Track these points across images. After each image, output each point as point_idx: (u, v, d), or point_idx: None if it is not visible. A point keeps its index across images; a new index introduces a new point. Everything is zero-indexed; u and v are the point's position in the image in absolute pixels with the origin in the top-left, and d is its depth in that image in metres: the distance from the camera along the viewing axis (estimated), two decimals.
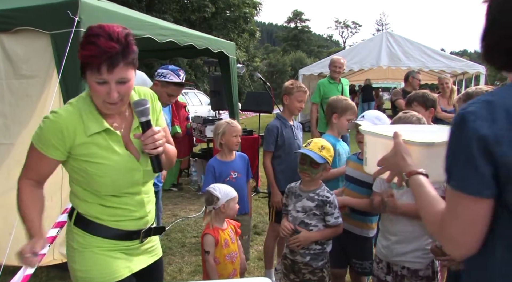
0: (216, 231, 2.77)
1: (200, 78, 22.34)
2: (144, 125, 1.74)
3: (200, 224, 5.10)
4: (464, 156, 1.07)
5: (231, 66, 5.75)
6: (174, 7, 20.02)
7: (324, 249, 2.73)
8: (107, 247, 1.81)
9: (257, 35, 26.30)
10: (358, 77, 18.38)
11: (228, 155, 3.45)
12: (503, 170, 1.03)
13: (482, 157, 1.04)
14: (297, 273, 2.76)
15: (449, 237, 1.14)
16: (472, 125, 1.04)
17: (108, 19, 3.42)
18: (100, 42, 1.58)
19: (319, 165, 2.66)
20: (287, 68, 47.21)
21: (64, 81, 3.08)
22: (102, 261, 1.80)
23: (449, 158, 1.12)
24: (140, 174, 1.80)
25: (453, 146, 1.11)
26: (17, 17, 3.25)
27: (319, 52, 66.16)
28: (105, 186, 1.74)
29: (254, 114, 12.27)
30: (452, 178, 1.12)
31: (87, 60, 1.59)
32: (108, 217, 1.79)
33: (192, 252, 4.19)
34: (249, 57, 30.08)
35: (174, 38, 4.42)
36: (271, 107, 7.19)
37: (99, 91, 1.64)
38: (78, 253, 1.80)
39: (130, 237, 1.85)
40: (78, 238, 1.80)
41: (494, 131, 1.02)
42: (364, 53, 13.42)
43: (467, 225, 1.10)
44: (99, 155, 1.70)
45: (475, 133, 1.04)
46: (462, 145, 1.07)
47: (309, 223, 2.69)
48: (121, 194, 1.79)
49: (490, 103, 1.05)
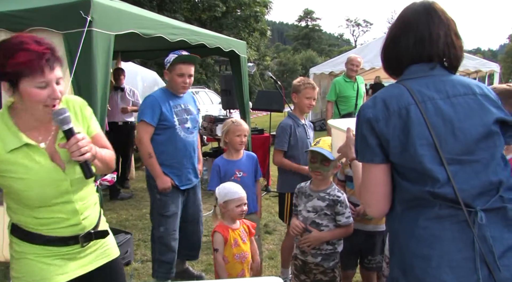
0: (226, 229, 2.77)
1: (211, 77, 22.37)
2: (67, 133, 1.73)
3: (210, 223, 5.11)
4: (360, 135, 1.49)
5: (242, 65, 5.75)
6: (185, 7, 20.07)
7: (336, 249, 2.72)
8: (43, 254, 1.82)
9: (268, 34, 26.25)
10: (369, 76, 18.27)
11: (235, 154, 3.42)
12: (382, 140, 1.43)
13: (369, 133, 1.45)
14: (308, 274, 2.75)
15: (363, 200, 1.55)
16: (362, 112, 1.49)
17: (120, 19, 3.45)
18: (32, 47, 1.61)
19: (330, 163, 2.66)
20: (298, 67, 47.16)
21: (76, 80, 3.10)
22: (36, 268, 1.81)
23: (355, 139, 1.55)
24: (67, 184, 1.79)
25: (356, 130, 1.53)
26: (31, 17, 3.28)
27: (330, 50, 65.96)
28: (32, 199, 1.74)
29: (265, 113, 12.27)
30: (357, 153, 1.53)
31: (25, 66, 1.59)
32: (40, 226, 1.80)
33: (203, 251, 4.21)
34: (259, 56, 30.07)
35: (186, 37, 4.43)
36: (282, 106, 7.18)
37: (41, 95, 1.64)
38: (14, 261, 1.84)
39: (66, 242, 1.86)
40: (15, 246, 1.83)
41: (374, 113, 1.44)
42: (375, 52, 13.31)
43: (370, 188, 1.49)
44: (21, 170, 1.69)
45: (364, 117, 1.47)
46: (358, 128, 1.50)
47: (320, 223, 2.68)
48: (51, 204, 1.78)
49: (375, 97, 1.49)
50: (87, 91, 3.12)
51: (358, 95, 6.15)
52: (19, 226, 1.82)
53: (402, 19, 1.55)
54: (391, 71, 1.61)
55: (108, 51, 3.27)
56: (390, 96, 1.46)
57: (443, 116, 1.40)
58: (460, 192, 1.35)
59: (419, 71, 1.49)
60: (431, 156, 1.37)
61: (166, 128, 3.34)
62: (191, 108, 3.52)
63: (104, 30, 3.22)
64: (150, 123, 3.29)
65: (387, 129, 1.42)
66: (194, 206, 3.69)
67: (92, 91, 3.13)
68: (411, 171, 1.40)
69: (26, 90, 1.63)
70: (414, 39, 1.49)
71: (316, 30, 70.95)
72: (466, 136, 1.39)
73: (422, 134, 1.38)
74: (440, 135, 1.38)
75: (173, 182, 3.40)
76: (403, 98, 1.43)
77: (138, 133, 3.38)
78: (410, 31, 1.50)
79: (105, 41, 3.23)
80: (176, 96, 3.46)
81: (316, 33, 70.60)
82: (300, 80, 3.63)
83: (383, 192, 1.47)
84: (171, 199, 3.43)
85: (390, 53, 1.59)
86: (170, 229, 3.44)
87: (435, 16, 1.49)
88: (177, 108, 3.41)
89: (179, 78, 3.35)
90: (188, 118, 3.46)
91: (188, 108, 3.49)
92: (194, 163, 3.56)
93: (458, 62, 1.54)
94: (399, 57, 1.54)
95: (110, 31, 3.29)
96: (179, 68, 3.33)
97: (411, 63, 1.52)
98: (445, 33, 1.48)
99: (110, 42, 3.29)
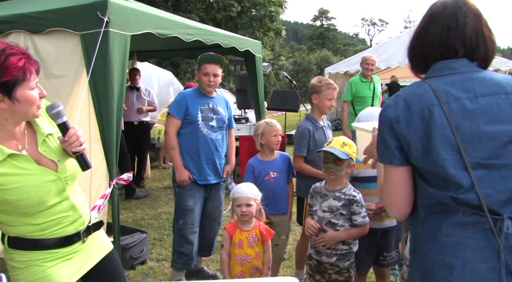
0: (234, 229, 2.80)
1: (226, 77, 22.42)
2: (62, 126, 1.76)
3: (225, 222, 5.11)
4: (380, 135, 1.46)
5: (257, 65, 5.74)
6: (200, 7, 20.13)
7: (351, 249, 2.70)
8: (49, 258, 1.79)
9: (282, 34, 26.20)
10: (385, 75, 18.10)
11: (269, 154, 3.44)
12: (403, 142, 1.39)
13: (389, 133, 1.42)
14: (323, 274, 2.73)
15: (384, 201, 1.53)
16: (384, 112, 1.45)
17: (136, 19, 3.47)
18: (15, 51, 1.59)
19: (342, 162, 2.65)
20: (313, 67, 47.01)
21: (93, 81, 3.13)
22: (45, 273, 1.78)
23: (377, 139, 1.50)
24: (62, 182, 1.79)
25: (378, 130, 1.48)
26: (49, 18, 3.32)
27: (345, 50, 65.64)
28: (31, 206, 1.71)
29: (280, 113, 12.24)
30: (378, 154, 1.50)
31: (22, 71, 1.58)
32: (42, 231, 1.77)
33: (218, 250, 4.21)
34: (274, 55, 30.03)
35: (201, 37, 4.45)
36: (297, 105, 7.15)
37: (34, 97, 1.64)
38: (20, 271, 1.77)
39: (71, 241, 1.85)
40: (18, 257, 1.77)
41: (396, 113, 1.39)
42: (391, 51, 13.22)
43: (391, 189, 1.46)
44: (12, 181, 1.64)
45: (385, 117, 1.43)
46: (380, 128, 1.46)
47: (336, 223, 2.66)
48: (50, 206, 1.76)
49: (397, 96, 1.44)
50: (104, 91, 3.15)
51: (374, 95, 6.10)
52: (20, 237, 1.76)
53: (430, 11, 1.48)
54: (417, 66, 1.53)
55: (124, 51, 3.30)
56: (413, 95, 1.39)
57: (469, 118, 1.32)
58: (485, 198, 1.29)
59: (445, 68, 1.41)
60: (455, 161, 1.31)
61: (190, 123, 3.51)
62: (220, 110, 3.65)
63: (121, 31, 3.24)
64: (176, 116, 3.50)
65: (408, 130, 1.36)
66: (213, 204, 3.77)
67: (109, 91, 3.16)
68: (434, 176, 1.35)
69: (23, 95, 1.60)
70: (441, 28, 1.42)
71: (331, 29, 70.68)
72: (493, 139, 1.32)
73: (446, 138, 1.31)
74: (465, 138, 1.31)
75: (191, 177, 3.51)
76: (427, 98, 1.36)
77: (166, 126, 3.62)
78: (437, 21, 1.44)
79: (121, 42, 3.26)
80: (207, 96, 3.62)
81: (331, 32, 70.32)
82: (320, 80, 3.51)
83: (403, 194, 1.44)
84: (189, 193, 3.54)
85: (416, 46, 1.51)
86: (188, 223, 3.55)
87: (464, 6, 1.43)
88: (203, 106, 3.56)
89: (205, 77, 3.53)
90: (214, 117, 3.58)
91: (216, 109, 3.62)
92: (216, 161, 3.62)
93: (489, 56, 1.44)
94: (426, 49, 1.47)
95: (126, 31, 3.31)
96: (204, 68, 3.52)
97: (438, 57, 1.44)
98: (474, 23, 1.41)
99: (126, 42, 3.32)
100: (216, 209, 3.82)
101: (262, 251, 2.83)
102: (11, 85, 1.56)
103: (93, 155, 3.15)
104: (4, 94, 1.57)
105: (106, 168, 3.19)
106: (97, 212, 2.79)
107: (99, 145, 3.17)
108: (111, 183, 3.17)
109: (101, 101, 3.17)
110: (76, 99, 3.19)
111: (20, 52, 1.59)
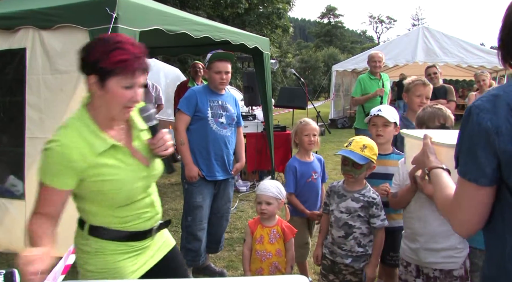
0: (256, 224, 2.82)
1: (233, 74, 22.37)
2: (152, 129, 1.83)
3: (232, 219, 5.12)
4: (468, 146, 1.19)
5: (265, 62, 5.72)
6: (208, 3, 20.12)
7: (367, 252, 2.67)
8: (123, 250, 1.83)
9: (290, 31, 26.14)
10: (392, 73, 18.03)
11: (307, 156, 3.41)
12: (503, 159, 1.12)
13: (483, 147, 1.14)
14: (337, 274, 2.71)
15: (453, 217, 1.28)
16: (476, 118, 1.15)
17: (144, 15, 3.47)
18: (128, 48, 1.63)
19: (361, 166, 2.59)
20: (320, 64, 46.88)
21: None
22: (114, 264, 1.82)
23: (458, 147, 1.25)
24: (150, 179, 1.86)
25: (461, 136, 1.22)
26: (58, 14, 3.33)
27: (352, 48, 65.38)
28: (118, 199, 1.75)
29: (287, 110, 12.22)
30: (458, 164, 1.25)
31: (120, 65, 1.61)
32: (125, 224, 1.81)
33: (225, 247, 4.21)
34: (281, 53, 29.98)
35: (209, 33, 4.43)
36: (305, 103, 7.13)
37: (125, 96, 1.66)
38: (92, 256, 1.81)
39: (145, 236, 1.89)
40: (94, 244, 1.81)
41: (495, 123, 1.11)
42: (399, 49, 13.19)
43: (466, 208, 1.22)
44: (111, 172, 1.70)
45: (478, 125, 1.14)
46: (467, 135, 1.19)
47: (353, 225, 2.63)
48: (134, 201, 1.81)
49: (496, 97, 1.14)
50: None
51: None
52: (101, 227, 1.79)
53: None
54: None
55: None
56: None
57: None
58: None
59: None
60: None
61: (199, 119, 3.51)
62: (229, 107, 3.66)
63: (129, 27, 3.24)
64: (185, 112, 3.50)
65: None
66: (222, 201, 3.79)
67: None
68: None
69: (113, 88, 1.64)
70: None
71: (338, 27, 70.38)
72: None
73: None
74: None
75: (200, 173, 3.52)
76: None
77: (175, 122, 3.64)
78: None
79: None
80: (216, 93, 3.62)
81: (339, 30, 70.04)
82: (412, 79, 3.41)
83: (480, 214, 1.22)
84: (197, 189, 3.55)
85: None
86: (196, 220, 3.56)
87: None
88: (213, 103, 3.56)
89: (217, 75, 3.52)
90: (224, 114, 3.59)
91: (225, 106, 3.63)
92: (225, 157, 3.64)
93: None
94: None
95: (135, 27, 3.31)
96: (216, 66, 3.50)
97: None
98: None
99: (135, 38, 3.31)
100: (225, 205, 3.83)
101: (283, 249, 2.81)
102: (106, 72, 1.61)
103: None
104: (98, 79, 1.64)
105: None
106: None
107: None
108: None
109: None
110: (80, 96, 3.19)
111: (131, 51, 1.63)
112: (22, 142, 3.55)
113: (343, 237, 2.66)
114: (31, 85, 3.49)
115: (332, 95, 16.03)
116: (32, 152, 3.49)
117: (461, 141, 1.23)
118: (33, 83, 3.48)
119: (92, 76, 1.64)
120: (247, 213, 5.49)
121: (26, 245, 1.59)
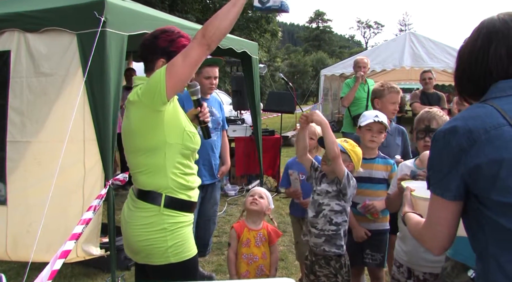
0: (242, 227, 2.84)
1: (222, 78, 22.41)
2: (196, 101, 2.26)
3: (221, 223, 5.11)
4: (437, 162, 1.31)
5: (253, 66, 5.74)
6: (197, 7, 20.14)
7: (339, 231, 2.67)
8: (188, 222, 2.09)
9: (279, 35, 26.25)
10: (380, 78, 18.17)
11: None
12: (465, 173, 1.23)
13: (449, 163, 1.26)
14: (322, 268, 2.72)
15: (421, 235, 1.41)
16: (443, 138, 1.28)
17: (133, 19, 3.46)
18: (186, 36, 2.13)
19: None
20: (308, 69, 47.02)
21: (89, 80, 3.11)
22: (189, 235, 2.09)
23: (428, 165, 1.36)
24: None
25: (431, 155, 1.34)
26: (45, 17, 3.29)
27: (340, 52, 65.75)
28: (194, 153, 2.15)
29: (276, 115, 12.25)
30: (428, 183, 1.36)
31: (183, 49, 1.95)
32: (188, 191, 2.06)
33: (214, 251, 4.21)
34: (270, 57, 30.05)
35: None
36: (293, 107, 7.16)
37: None
38: (169, 232, 2.01)
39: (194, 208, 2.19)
40: (169, 219, 2.01)
41: (459, 141, 1.23)
42: (386, 54, 13.28)
43: (433, 224, 1.34)
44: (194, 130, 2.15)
45: (446, 144, 1.27)
46: (437, 154, 1.32)
47: (321, 202, 2.68)
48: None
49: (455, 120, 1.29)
50: (100, 91, 3.14)
51: (368, 96, 6.11)
52: (173, 197, 2.02)
53: (486, 30, 1.33)
54: (472, 91, 1.39)
55: (121, 51, 3.29)
56: (475, 118, 1.24)
57: None
58: None
59: (507, 88, 1.27)
60: None
61: None
62: (214, 111, 3.67)
63: (118, 31, 3.23)
64: None
65: (475, 158, 1.21)
66: (208, 204, 3.79)
67: (105, 91, 3.14)
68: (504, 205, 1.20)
69: None
70: (506, 49, 1.28)
71: (327, 31, 70.75)
72: None
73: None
74: None
75: None
76: (493, 119, 1.21)
77: None
78: (501, 40, 1.29)
79: (118, 42, 3.25)
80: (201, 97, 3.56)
81: (327, 34, 70.39)
82: (382, 84, 3.49)
83: (450, 230, 1.32)
84: None
85: (475, 69, 1.34)
86: None
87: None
88: None
89: (206, 80, 3.58)
90: (210, 118, 3.53)
91: (211, 110, 3.63)
92: (212, 162, 3.65)
93: None
94: (488, 71, 1.31)
95: (123, 31, 3.30)
96: (206, 72, 3.56)
97: (500, 78, 1.30)
98: None
99: (123, 42, 3.30)
100: (211, 208, 3.83)
101: (268, 252, 2.84)
102: (174, 55, 1.93)
103: (89, 155, 3.14)
104: (166, 60, 1.99)
105: (102, 169, 3.17)
106: (93, 212, 2.78)
107: (95, 146, 3.15)
108: (106, 184, 3.16)
109: (97, 101, 3.15)
110: (70, 99, 3.17)
111: (188, 38, 2.09)
112: (3, 146, 3.49)
113: (314, 216, 2.70)
114: (14, 88, 3.43)
115: (321, 99, 16.11)
116: (14, 156, 3.38)
117: (431, 159, 1.35)
118: (16, 86, 3.42)
119: (160, 59, 2.04)
120: (235, 217, 5.48)
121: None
